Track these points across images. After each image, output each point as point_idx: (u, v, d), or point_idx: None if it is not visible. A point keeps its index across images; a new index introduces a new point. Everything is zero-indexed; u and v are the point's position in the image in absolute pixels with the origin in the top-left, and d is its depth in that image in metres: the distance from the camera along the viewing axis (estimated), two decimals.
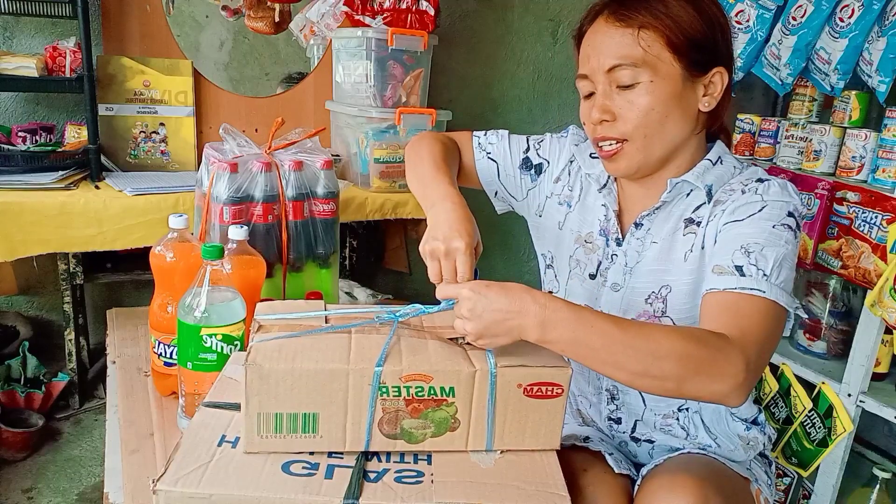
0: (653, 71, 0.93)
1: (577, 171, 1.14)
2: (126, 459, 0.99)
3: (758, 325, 0.83)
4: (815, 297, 1.78)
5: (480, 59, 2.64)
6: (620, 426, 1.10)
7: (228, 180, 1.22)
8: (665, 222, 1.02)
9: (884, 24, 1.60)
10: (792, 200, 0.94)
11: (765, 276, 0.86)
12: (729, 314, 0.84)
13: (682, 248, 1.00)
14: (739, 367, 0.78)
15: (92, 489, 1.74)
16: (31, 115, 2.10)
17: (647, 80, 0.93)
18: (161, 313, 1.11)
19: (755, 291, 0.85)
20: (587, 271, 1.08)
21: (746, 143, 1.97)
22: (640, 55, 0.93)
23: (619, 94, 0.95)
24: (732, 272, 0.87)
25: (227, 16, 2.30)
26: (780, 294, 0.85)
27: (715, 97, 0.98)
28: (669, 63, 0.94)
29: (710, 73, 0.96)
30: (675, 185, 0.99)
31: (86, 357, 2.08)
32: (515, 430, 0.81)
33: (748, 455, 1.08)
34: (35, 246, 1.70)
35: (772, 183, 0.96)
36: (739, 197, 0.95)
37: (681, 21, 0.93)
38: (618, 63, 0.94)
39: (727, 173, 1.01)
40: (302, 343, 0.80)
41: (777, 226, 0.91)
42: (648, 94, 0.94)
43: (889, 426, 1.88)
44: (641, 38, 0.93)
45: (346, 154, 2.20)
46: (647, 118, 0.94)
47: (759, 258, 0.87)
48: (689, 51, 0.94)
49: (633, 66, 0.93)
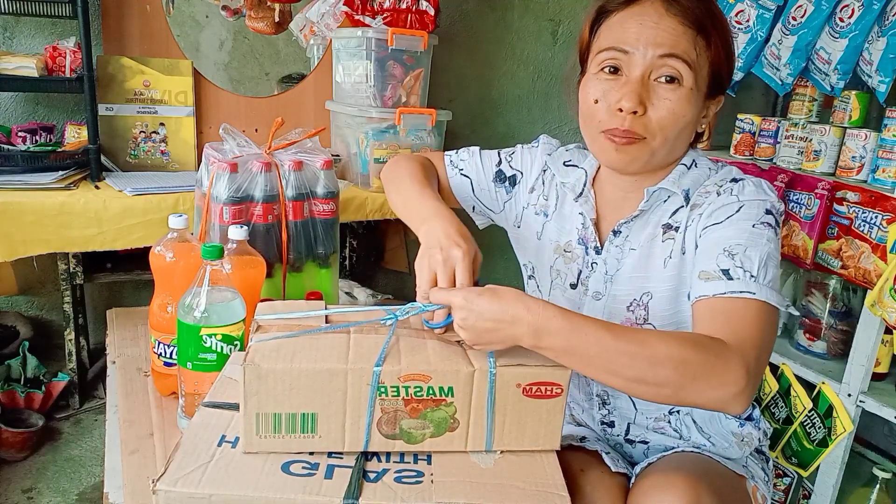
0: (695, 78, 0.91)
1: (550, 180, 1.13)
2: (126, 459, 0.99)
3: (753, 327, 0.83)
4: (815, 297, 1.78)
5: (480, 59, 2.64)
6: (614, 429, 1.10)
7: (228, 180, 1.22)
8: (643, 229, 1.01)
9: (884, 24, 1.60)
10: (768, 198, 0.93)
11: (752, 277, 0.85)
12: (723, 319, 0.83)
13: (662, 255, 0.99)
14: (740, 373, 0.77)
15: (92, 489, 1.74)
16: (31, 115, 2.11)
17: (689, 86, 0.90)
18: (161, 313, 1.11)
19: (745, 294, 0.84)
20: (568, 281, 1.08)
21: (746, 143, 1.97)
22: (694, 57, 0.90)
23: (660, 87, 0.91)
24: (720, 276, 0.86)
25: (227, 16, 2.31)
26: (769, 294, 0.85)
27: (709, 121, 0.99)
28: (704, 78, 0.93)
29: (716, 99, 0.98)
30: (653, 193, 0.99)
31: (86, 357, 2.08)
32: (515, 431, 0.81)
33: (743, 452, 1.08)
34: (35, 246, 1.70)
35: (746, 182, 0.95)
36: (715, 199, 0.95)
37: (724, 45, 0.93)
38: (674, 53, 0.89)
39: (702, 175, 1.00)
40: (300, 343, 0.80)
41: (757, 225, 0.90)
42: (685, 101, 0.91)
43: (889, 426, 1.88)
44: (698, 43, 0.90)
45: (346, 154, 2.20)
46: (675, 123, 0.92)
47: (743, 259, 0.87)
48: (718, 75, 0.95)
49: (686, 63, 0.89)
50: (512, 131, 2.75)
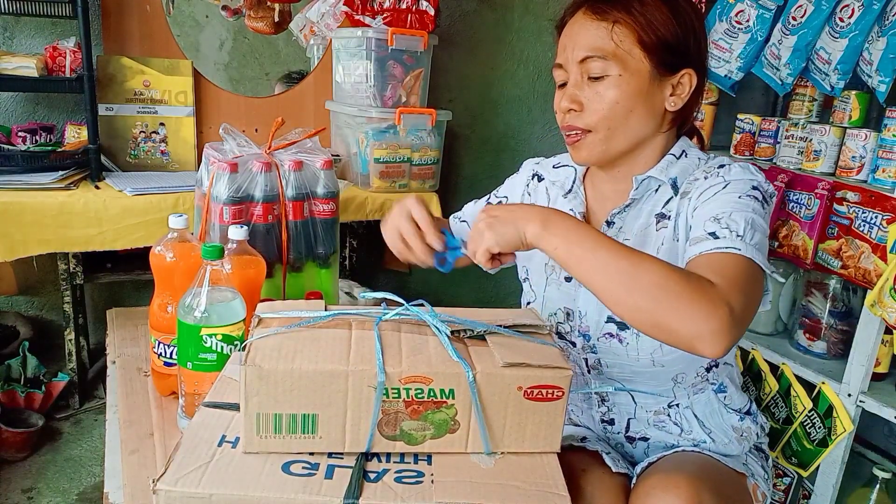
0: (622, 65, 0.96)
1: (535, 188, 1.19)
2: (126, 459, 0.99)
3: (739, 275, 0.84)
4: (815, 297, 1.78)
5: (480, 59, 2.64)
6: (614, 427, 1.10)
7: (228, 180, 1.22)
8: (636, 219, 1.04)
9: (884, 24, 1.60)
10: (755, 178, 0.97)
11: (738, 236, 0.87)
12: (709, 270, 0.84)
13: (655, 244, 1.02)
14: (723, 310, 0.77)
15: (92, 489, 1.74)
16: (31, 115, 2.10)
17: (615, 74, 0.96)
18: (161, 313, 1.11)
19: (731, 249, 0.86)
20: (563, 275, 1.10)
21: (746, 143, 1.97)
22: (612, 49, 0.96)
23: (589, 85, 0.98)
24: (706, 238, 0.89)
25: (227, 16, 2.31)
26: (755, 253, 0.86)
27: (682, 98, 1.01)
28: (639, 60, 0.96)
29: (679, 73, 0.99)
30: (641, 181, 1.03)
31: (86, 357, 2.08)
32: (515, 433, 0.81)
33: (743, 448, 1.08)
34: (35, 246, 1.70)
35: (733, 165, 0.99)
36: (703, 183, 0.98)
37: (654, 21, 0.96)
38: (590, 54, 0.97)
39: (692, 165, 1.03)
40: (302, 343, 0.80)
41: (743, 196, 0.93)
42: (615, 88, 0.97)
43: (889, 426, 1.88)
44: (615, 33, 0.96)
45: (346, 154, 2.20)
46: (612, 111, 0.97)
47: (729, 222, 0.89)
48: (659, 50, 0.97)
49: (604, 58, 0.96)
50: (512, 131, 2.75)
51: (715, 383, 1.09)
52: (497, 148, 2.75)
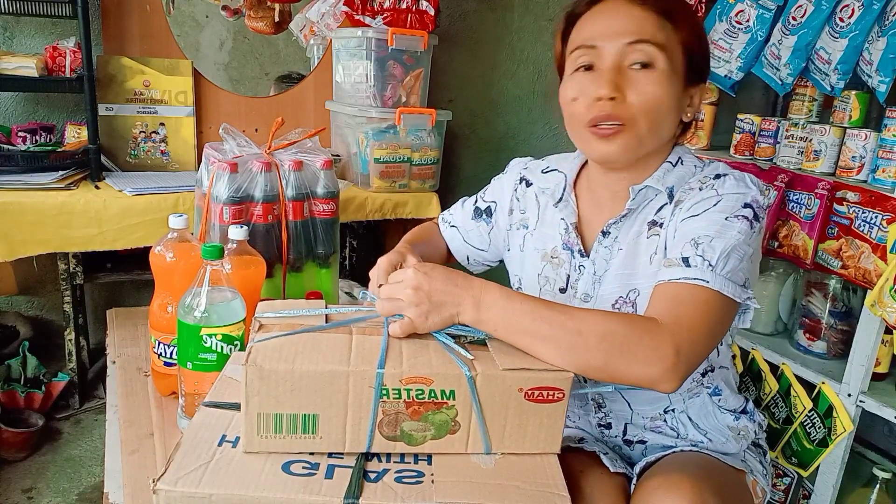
0: (669, 61, 0.91)
1: (524, 194, 1.15)
2: (126, 459, 0.99)
3: (694, 312, 0.83)
4: (815, 297, 1.78)
5: (480, 59, 2.64)
6: (611, 431, 1.10)
7: (228, 180, 1.22)
8: (631, 228, 1.01)
9: (884, 24, 1.60)
10: (749, 192, 0.92)
11: (710, 266, 0.86)
12: (667, 302, 0.85)
13: (647, 252, 0.99)
14: (668, 350, 0.78)
15: (92, 489, 1.74)
16: (31, 115, 2.10)
17: (662, 68, 0.91)
18: (161, 313, 1.11)
19: (698, 281, 0.85)
20: (557, 286, 1.08)
21: (746, 143, 1.97)
22: (664, 40, 0.91)
23: (632, 73, 0.91)
24: (679, 264, 0.88)
25: (227, 16, 2.31)
26: (724, 284, 0.85)
27: (694, 109, 0.99)
28: (680, 61, 0.93)
29: (699, 86, 0.98)
30: (639, 191, 0.98)
31: (86, 357, 2.08)
32: (516, 434, 0.81)
33: (741, 446, 1.08)
34: (35, 246, 1.70)
35: (728, 177, 0.95)
36: (697, 194, 0.95)
37: (695, 27, 0.94)
38: (642, 38, 0.90)
39: (688, 173, 1.00)
40: (302, 344, 0.80)
41: (730, 217, 0.90)
42: (661, 84, 0.91)
43: (889, 426, 1.88)
44: (664, 26, 0.91)
45: (346, 154, 2.20)
46: (656, 107, 0.91)
47: (706, 249, 0.87)
48: (695, 57, 0.95)
49: (657, 46, 0.90)
50: (512, 131, 2.75)
51: (710, 387, 1.08)
52: (497, 148, 2.75)
